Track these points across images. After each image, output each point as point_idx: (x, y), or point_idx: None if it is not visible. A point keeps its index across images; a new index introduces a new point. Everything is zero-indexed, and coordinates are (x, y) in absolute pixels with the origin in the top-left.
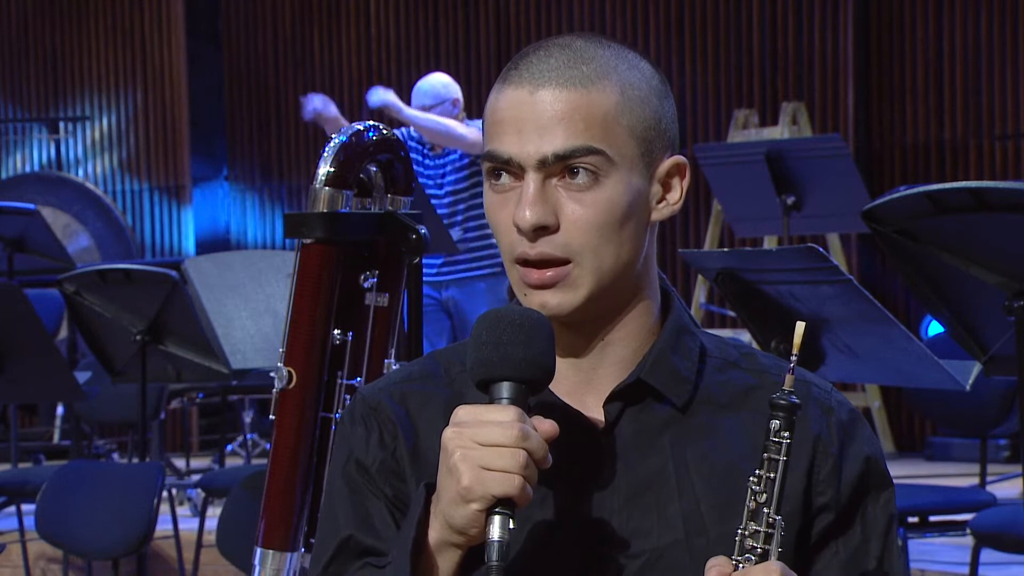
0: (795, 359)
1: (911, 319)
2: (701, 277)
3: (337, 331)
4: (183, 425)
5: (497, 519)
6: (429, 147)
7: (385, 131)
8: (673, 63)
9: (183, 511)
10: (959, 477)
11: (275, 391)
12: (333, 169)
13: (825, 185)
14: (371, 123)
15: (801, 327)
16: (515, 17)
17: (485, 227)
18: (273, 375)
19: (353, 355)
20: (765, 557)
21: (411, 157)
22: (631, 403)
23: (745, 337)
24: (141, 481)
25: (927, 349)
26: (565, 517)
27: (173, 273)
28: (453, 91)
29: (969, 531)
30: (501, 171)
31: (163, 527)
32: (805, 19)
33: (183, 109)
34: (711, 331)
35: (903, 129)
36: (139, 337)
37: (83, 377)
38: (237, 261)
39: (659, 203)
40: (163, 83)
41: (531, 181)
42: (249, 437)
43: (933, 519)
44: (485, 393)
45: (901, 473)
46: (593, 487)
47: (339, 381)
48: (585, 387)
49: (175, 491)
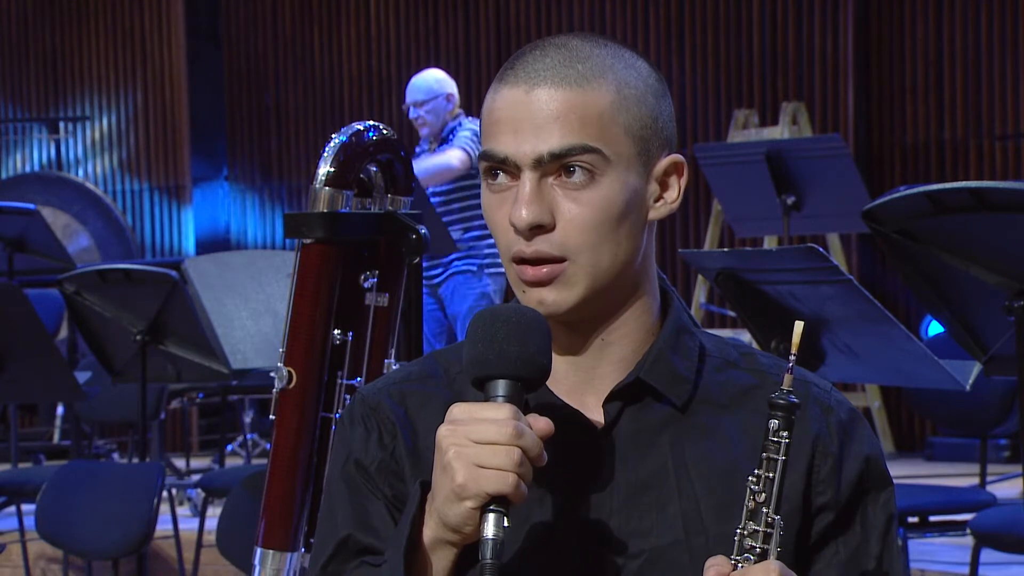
0: (794, 358)
1: (911, 319)
2: (701, 277)
3: (337, 331)
4: (183, 425)
5: (491, 517)
6: (427, 143)
7: (385, 131)
8: (673, 63)
9: (183, 511)
10: (959, 477)
11: (275, 391)
12: (333, 169)
13: (825, 185)
14: (371, 123)
15: (800, 327)
16: (515, 17)
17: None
18: (273, 375)
19: (353, 355)
20: (764, 556)
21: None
22: (630, 402)
23: (745, 337)
24: (141, 481)
25: (927, 349)
26: (564, 517)
27: (173, 273)
28: (447, 86)
29: (969, 531)
30: (498, 170)
31: (163, 527)
32: (805, 19)
33: (183, 109)
34: (711, 331)
35: (903, 129)
36: (139, 337)
37: (83, 377)
38: (237, 261)
39: (657, 202)
40: (163, 83)
41: (527, 180)
42: (249, 437)
43: (933, 519)
44: (481, 391)
45: (901, 473)
46: (592, 486)
47: (339, 381)
48: (585, 386)
49: (175, 491)
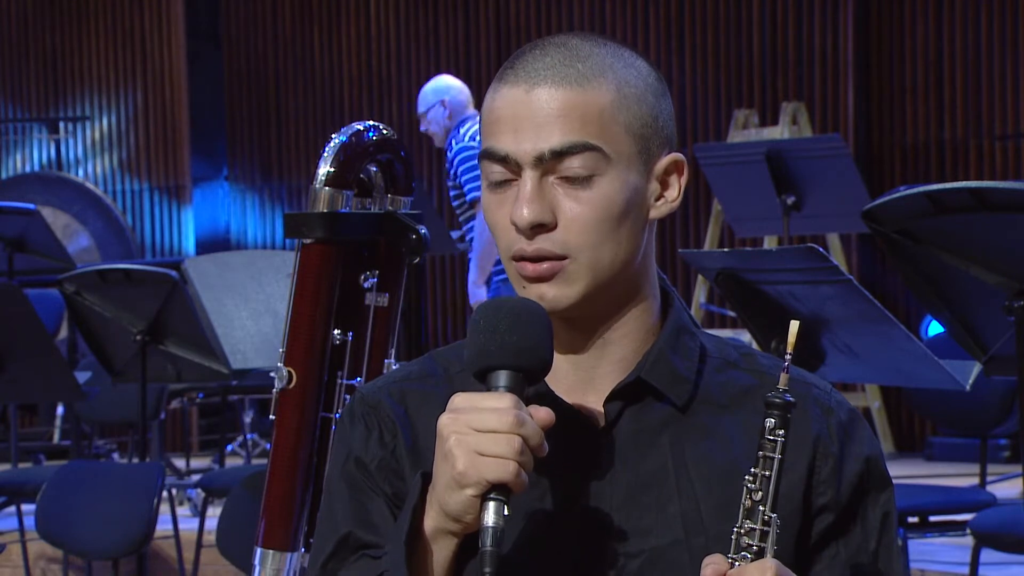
0: (789, 358)
1: (911, 319)
2: (701, 277)
3: (337, 331)
4: (183, 425)
5: (492, 505)
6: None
7: (385, 131)
8: (673, 63)
9: (183, 511)
10: (959, 477)
11: (275, 391)
12: (333, 169)
13: (825, 185)
14: (371, 123)
15: (795, 326)
16: (515, 17)
17: None
18: (273, 375)
19: (353, 355)
20: (761, 555)
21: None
22: (631, 402)
23: (745, 337)
24: (141, 481)
25: (927, 349)
26: (564, 516)
27: (173, 273)
28: (441, 92)
29: (969, 531)
30: (498, 170)
31: (163, 527)
32: (805, 19)
33: (183, 109)
34: (711, 331)
35: (903, 129)
36: (139, 337)
37: (83, 377)
38: (237, 261)
39: (657, 200)
40: (163, 83)
41: (528, 179)
42: (249, 437)
43: (933, 519)
44: (483, 383)
45: (901, 473)
46: (593, 486)
47: (339, 381)
48: (586, 386)
49: (175, 491)
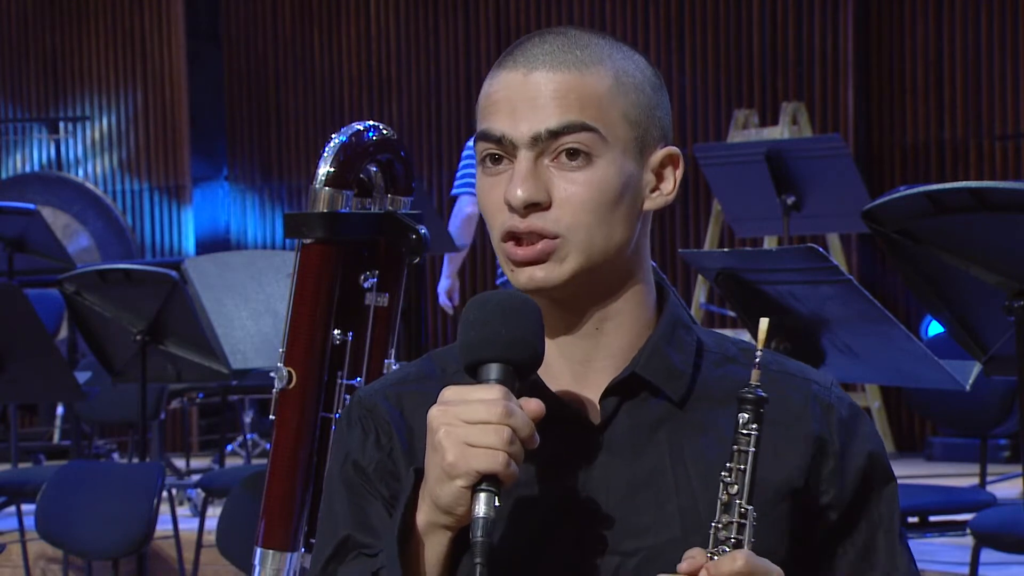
0: (760, 355)
1: (911, 319)
2: (701, 277)
3: (337, 331)
4: (183, 425)
5: (482, 496)
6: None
7: (385, 131)
8: (673, 63)
9: (183, 511)
10: (959, 477)
11: (275, 391)
12: (333, 169)
13: (825, 185)
14: (371, 123)
15: (765, 323)
16: (515, 17)
17: None
18: (273, 375)
19: (353, 355)
20: (740, 547)
21: None
22: (627, 398)
23: (745, 337)
24: (141, 481)
25: (927, 349)
26: (561, 514)
27: (173, 273)
28: None
29: (969, 531)
30: (494, 154)
31: (163, 527)
32: (805, 19)
33: (183, 109)
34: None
35: (903, 129)
36: (139, 337)
37: (83, 377)
38: (237, 261)
39: (652, 192)
40: (163, 83)
41: (523, 159)
42: (249, 437)
43: (933, 519)
44: (474, 378)
45: (901, 473)
46: (589, 483)
47: (339, 381)
48: (580, 381)
49: (175, 491)
